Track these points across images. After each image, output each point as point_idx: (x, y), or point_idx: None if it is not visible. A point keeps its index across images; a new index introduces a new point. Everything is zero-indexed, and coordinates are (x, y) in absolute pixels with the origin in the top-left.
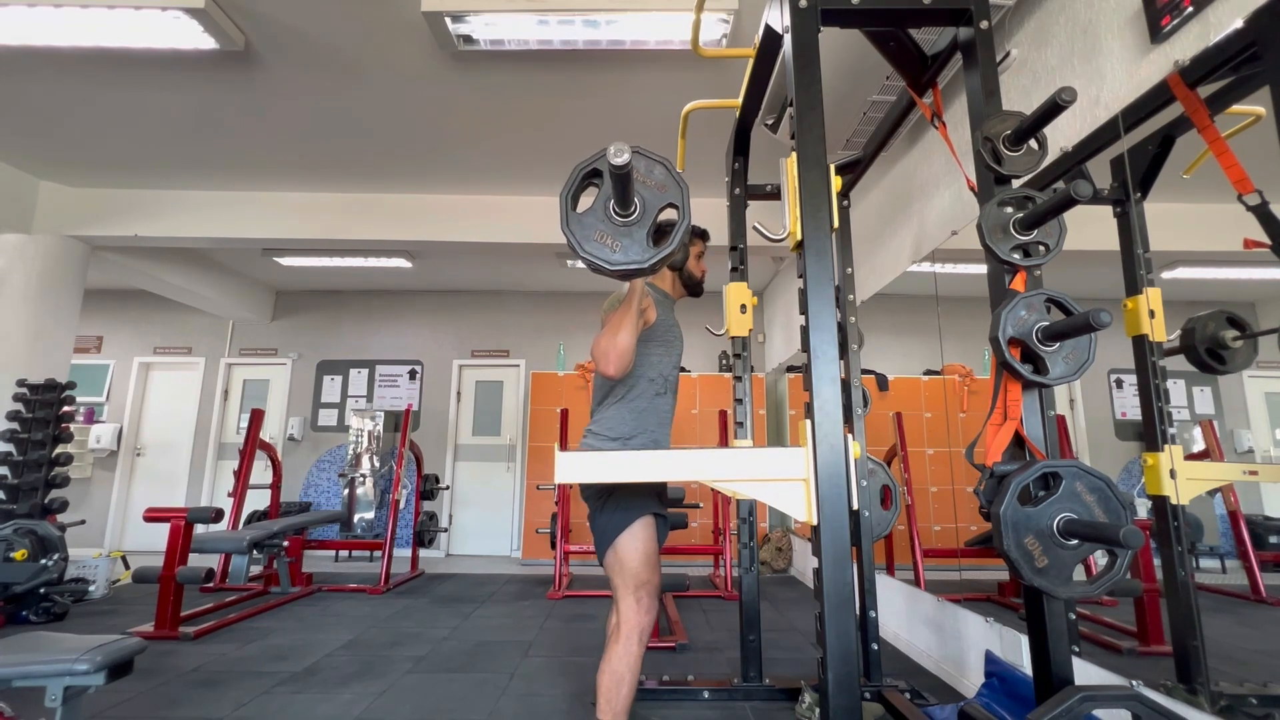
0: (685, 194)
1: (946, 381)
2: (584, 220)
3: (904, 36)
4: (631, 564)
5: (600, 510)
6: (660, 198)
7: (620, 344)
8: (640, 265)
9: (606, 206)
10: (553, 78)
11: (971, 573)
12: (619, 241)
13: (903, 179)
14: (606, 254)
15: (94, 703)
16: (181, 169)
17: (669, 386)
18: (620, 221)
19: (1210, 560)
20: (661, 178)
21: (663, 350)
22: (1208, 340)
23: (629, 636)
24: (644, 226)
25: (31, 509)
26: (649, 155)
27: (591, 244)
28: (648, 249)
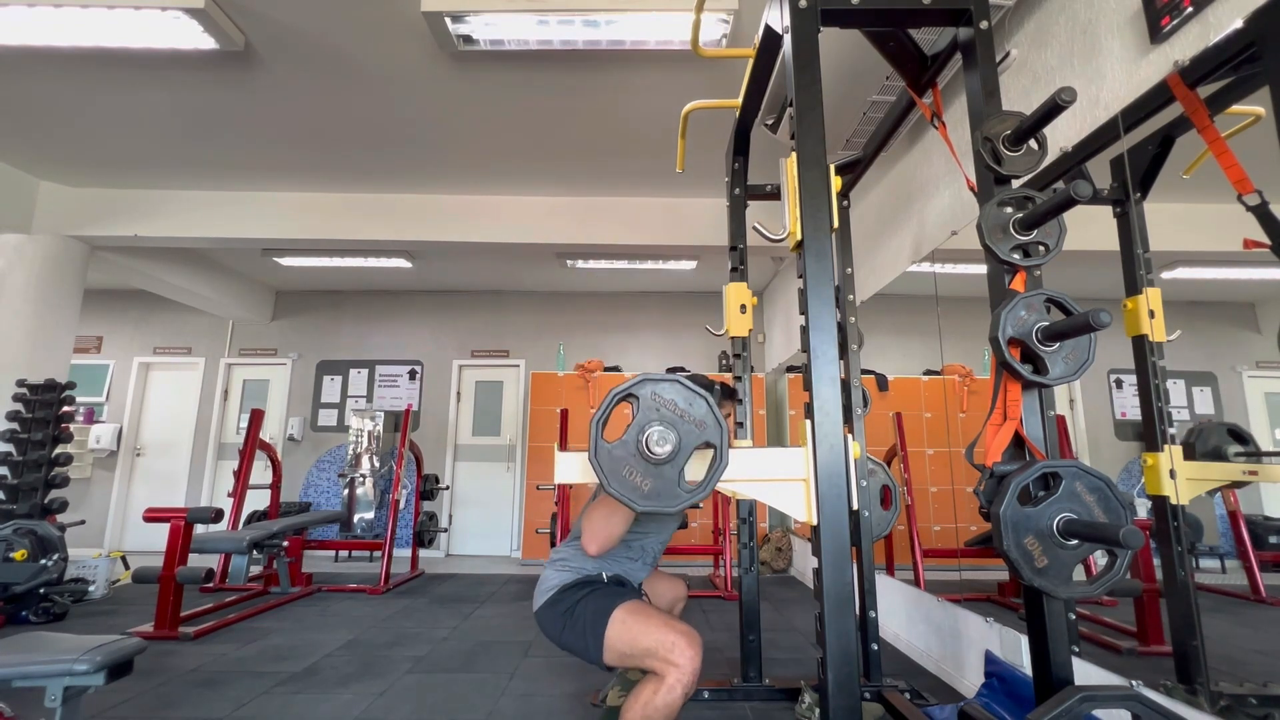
0: (724, 434)
1: (946, 381)
2: (614, 453)
3: (904, 36)
4: (642, 641)
5: (572, 632)
6: (697, 436)
7: (613, 531)
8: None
9: (639, 440)
10: (553, 78)
11: (971, 573)
12: (648, 481)
13: (903, 179)
14: (634, 494)
15: (94, 703)
16: (181, 169)
17: (644, 558)
18: (653, 460)
19: (1210, 560)
20: (701, 415)
21: (655, 528)
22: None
23: (672, 688)
24: (677, 466)
25: (31, 509)
26: (692, 389)
27: (619, 480)
28: (678, 491)
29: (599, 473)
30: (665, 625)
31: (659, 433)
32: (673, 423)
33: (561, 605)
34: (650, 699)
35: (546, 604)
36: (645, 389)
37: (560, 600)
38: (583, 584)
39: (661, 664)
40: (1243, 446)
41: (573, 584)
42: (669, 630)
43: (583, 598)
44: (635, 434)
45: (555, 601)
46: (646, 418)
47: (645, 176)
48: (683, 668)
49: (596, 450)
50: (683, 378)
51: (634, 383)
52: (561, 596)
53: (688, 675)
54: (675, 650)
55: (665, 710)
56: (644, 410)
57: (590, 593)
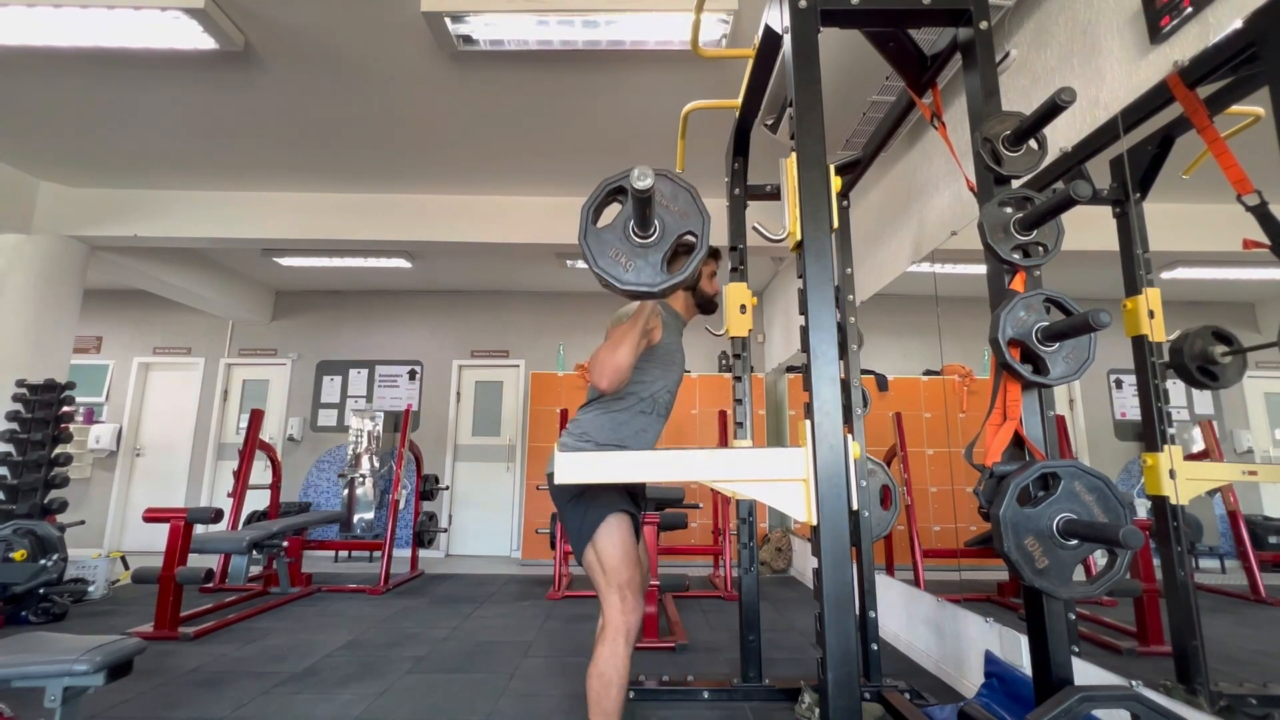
0: (706, 223)
1: (946, 382)
2: (602, 236)
3: (904, 37)
4: (612, 560)
5: (572, 508)
6: (681, 224)
7: (618, 360)
8: (650, 288)
9: (626, 226)
10: (553, 78)
11: (971, 573)
12: (633, 262)
13: (902, 179)
14: (619, 272)
15: (93, 703)
16: (181, 169)
17: (658, 408)
18: (638, 242)
19: (1210, 560)
20: (685, 205)
21: (660, 372)
22: (1197, 357)
23: (614, 638)
24: (660, 250)
25: (31, 509)
26: (676, 180)
27: (605, 259)
28: (660, 273)
29: (587, 252)
30: (634, 564)
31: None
32: (658, 211)
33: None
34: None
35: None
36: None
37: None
38: None
39: (605, 601)
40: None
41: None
42: (630, 569)
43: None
44: (623, 220)
45: None
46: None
47: None
48: (615, 624)
49: (586, 233)
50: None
51: (621, 175)
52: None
53: (623, 629)
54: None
55: (617, 667)
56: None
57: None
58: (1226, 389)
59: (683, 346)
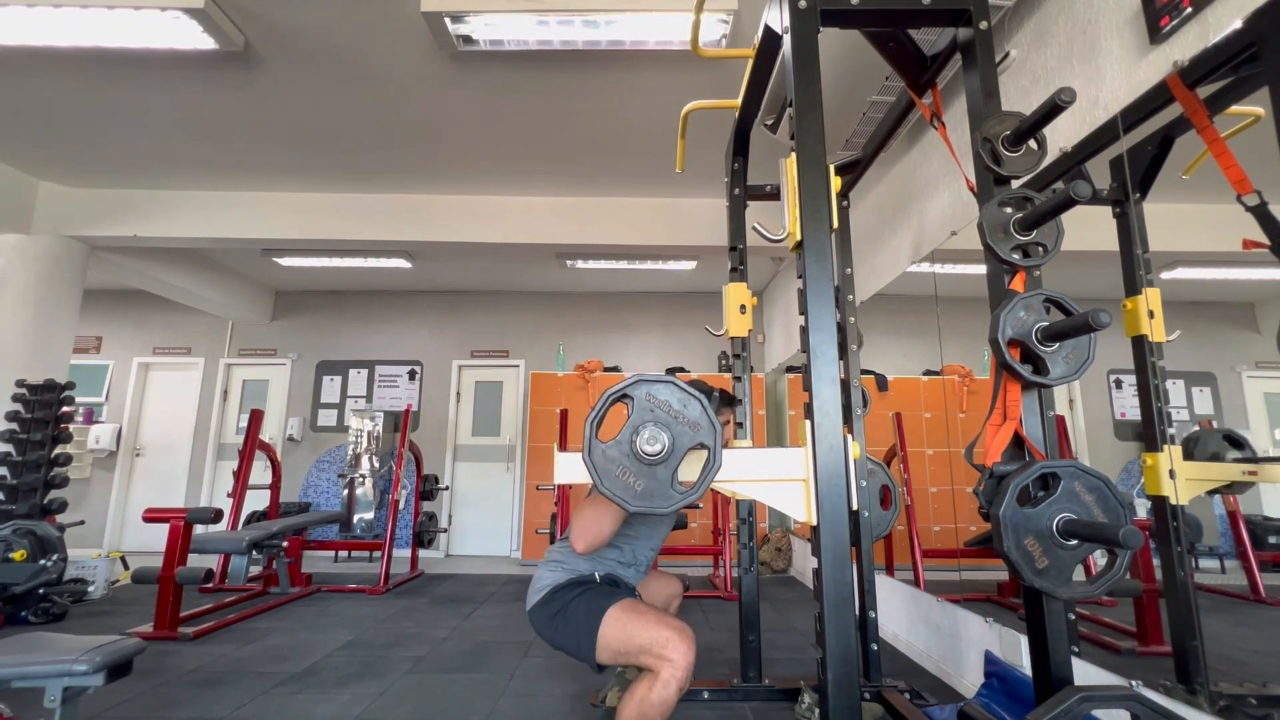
0: (717, 436)
1: (946, 382)
2: (607, 453)
3: (903, 37)
4: (637, 639)
5: (560, 628)
6: (691, 438)
7: (602, 530)
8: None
9: (632, 441)
10: (552, 78)
11: (971, 573)
12: (640, 481)
13: (902, 179)
14: (627, 494)
15: (93, 703)
16: (181, 169)
17: (637, 564)
18: (646, 460)
19: (1209, 560)
20: (696, 416)
21: (647, 531)
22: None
23: (667, 683)
24: (670, 467)
25: (30, 509)
26: (686, 390)
27: (612, 480)
28: (671, 493)
29: (592, 472)
30: (659, 622)
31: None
32: (666, 424)
33: (554, 605)
34: (646, 695)
35: (539, 604)
36: (640, 390)
37: (553, 600)
38: (575, 584)
39: (655, 660)
40: (1239, 451)
41: (565, 584)
42: (662, 626)
43: (575, 597)
44: (629, 434)
45: (548, 602)
46: (641, 418)
47: (645, 177)
48: (676, 663)
49: (590, 450)
50: (678, 379)
51: (629, 383)
52: (554, 596)
53: (681, 671)
54: (669, 646)
55: (661, 707)
56: (638, 411)
57: (583, 592)
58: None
59: None
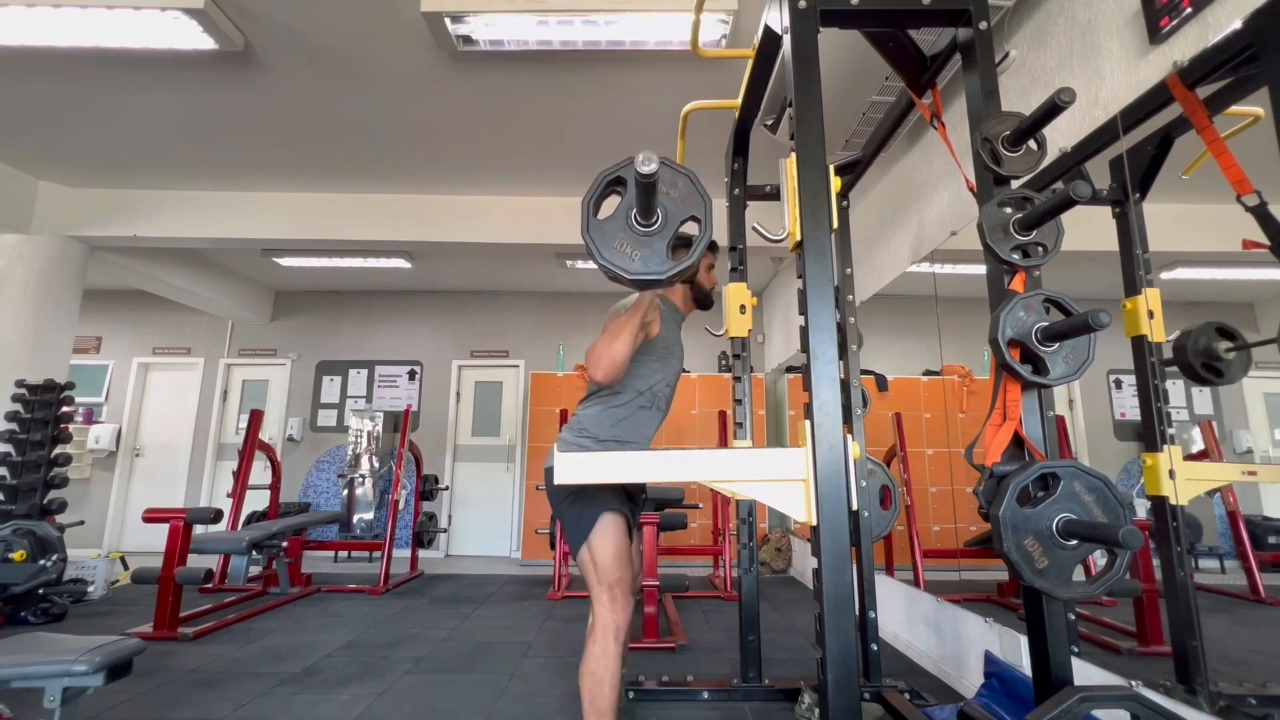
0: (708, 208)
1: (946, 382)
2: (605, 228)
3: (903, 37)
4: (604, 559)
5: (569, 506)
6: (683, 210)
7: (615, 352)
8: (658, 276)
9: (629, 215)
10: (552, 78)
11: (971, 573)
12: (638, 251)
13: (902, 179)
14: (625, 262)
15: (93, 704)
16: (181, 169)
17: (657, 402)
18: (641, 231)
19: (1209, 560)
20: (685, 190)
21: (659, 365)
22: (1201, 354)
23: (604, 636)
24: (664, 237)
25: (30, 510)
26: (674, 167)
27: (610, 251)
28: (666, 260)
29: (591, 246)
30: (625, 564)
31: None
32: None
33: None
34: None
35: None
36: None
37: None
38: None
39: (595, 599)
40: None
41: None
42: (621, 568)
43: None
44: (625, 209)
45: None
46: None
47: None
48: (605, 622)
49: (589, 226)
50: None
51: (620, 165)
52: None
53: (612, 627)
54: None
55: (606, 660)
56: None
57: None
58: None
59: (681, 340)
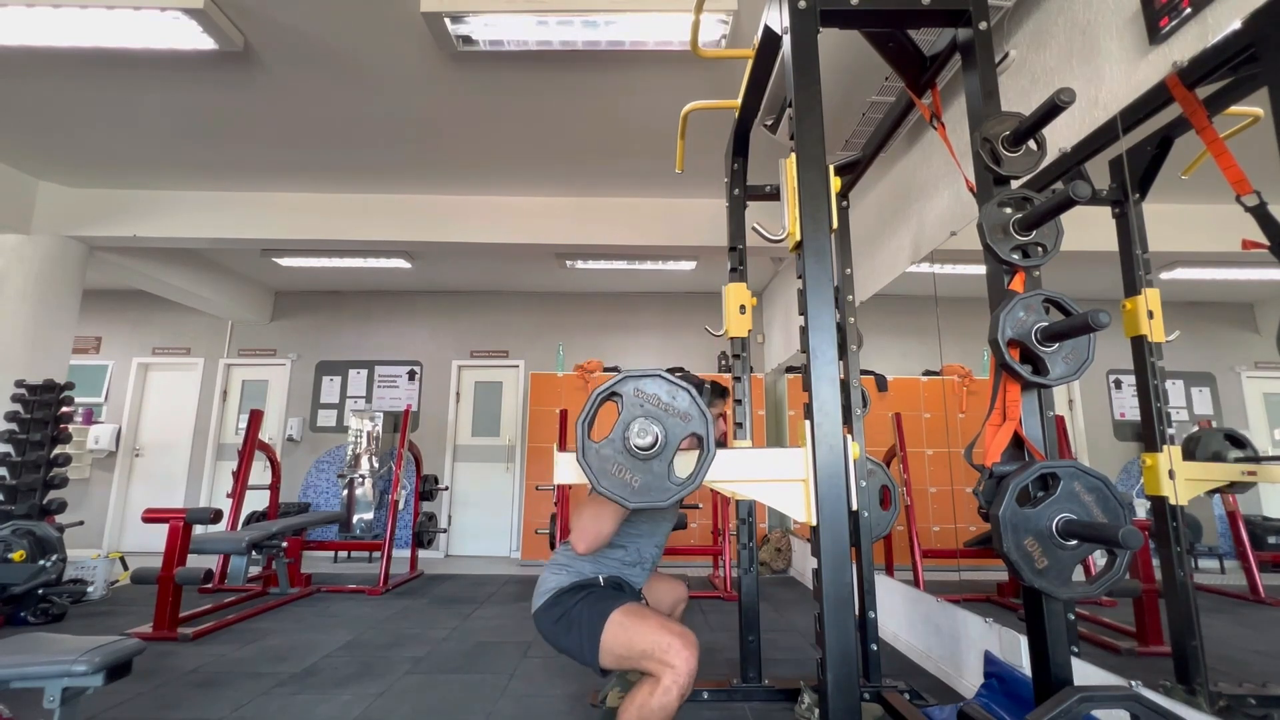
0: (709, 425)
1: (945, 382)
2: (601, 453)
3: (903, 37)
4: (638, 644)
5: (568, 634)
6: (682, 428)
7: (601, 530)
8: (659, 505)
9: (625, 438)
10: (552, 78)
11: (970, 573)
12: (637, 476)
13: (902, 180)
14: (624, 490)
15: (92, 704)
16: (180, 169)
17: (643, 563)
18: (640, 455)
19: (1209, 560)
20: (685, 407)
21: (649, 528)
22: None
23: (668, 689)
24: (665, 460)
25: (30, 510)
26: (674, 382)
27: (608, 478)
28: (668, 484)
29: (588, 473)
30: (661, 627)
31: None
32: (657, 417)
33: (558, 609)
34: (646, 701)
35: (544, 607)
36: (628, 386)
37: (557, 603)
38: (580, 587)
39: (657, 665)
40: (1241, 451)
41: (570, 587)
42: (665, 632)
43: (579, 601)
44: (621, 431)
45: (552, 605)
46: (631, 414)
47: (645, 177)
48: (678, 669)
49: (584, 451)
50: (664, 372)
51: (616, 381)
52: (558, 600)
53: (683, 677)
54: (671, 651)
55: (661, 712)
56: (628, 407)
57: (587, 596)
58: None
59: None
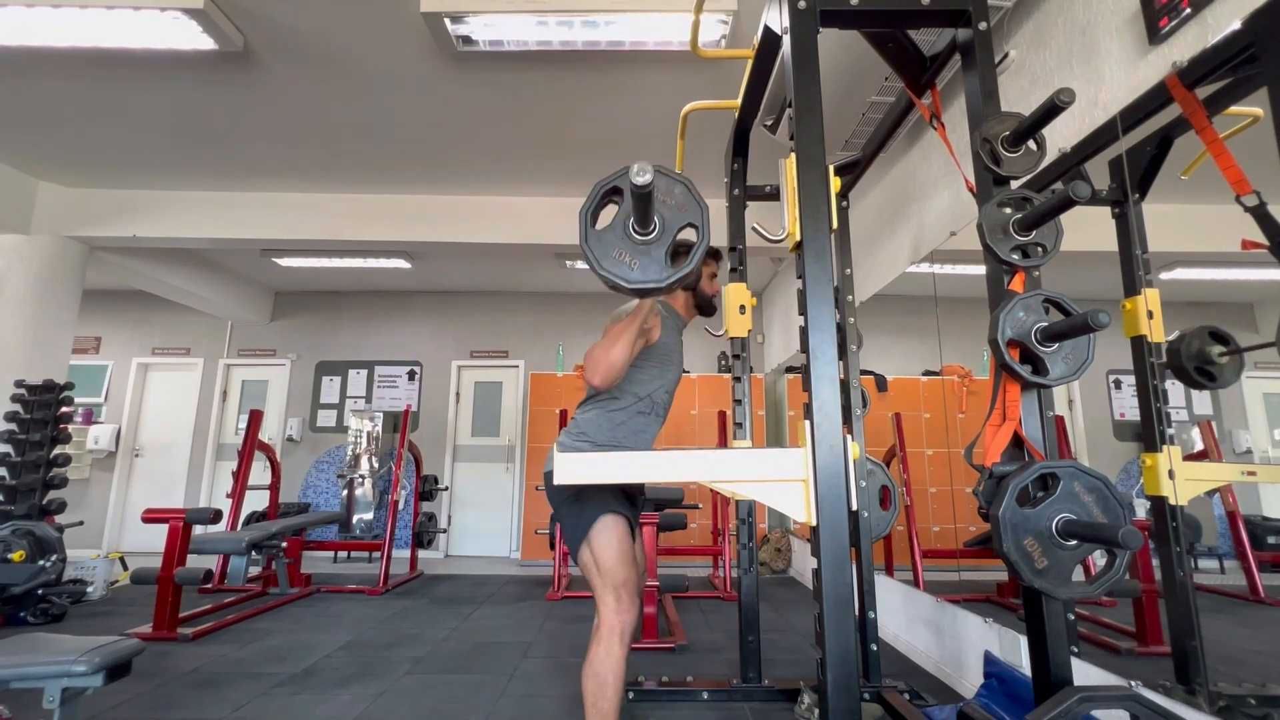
0: (705, 214)
1: (945, 382)
2: (603, 238)
3: (903, 37)
4: (607, 561)
5: (568, 507)
6: (680, 217)
7: (613, 357)
8: (657, 284)
9: (626, 224)
10: (552, 79)
11: (970, 573)
12: (637, 259)
13: (902, 180)
14: (625, 272)
15: (92, 704)
16: (180, 169)
17: (655, 408)
18: (639, 240)
19: (1209, 560)
20: (682, 197)
21: (657, 371)
22: (1194, 358)
23: (609, 638)
24: (662, 245)
25: (29, 510)
26: (670, 174)
27: (610, 261)
28: (665, 268)
29: (590, 256)
30: (629, 564)
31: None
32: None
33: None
34: (599, 667)
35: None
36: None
37: None
38: None
39: (600, 601)
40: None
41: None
42: (625, 569)
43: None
44: (622, 219)
45: None
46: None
47: None
48: (610, 623)
49: (587, 236)
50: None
51: (616, 175)
52: None
53: (618, 628)
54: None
55: (611, 661)
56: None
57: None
58: (1225, 389)
59: (682, 347)
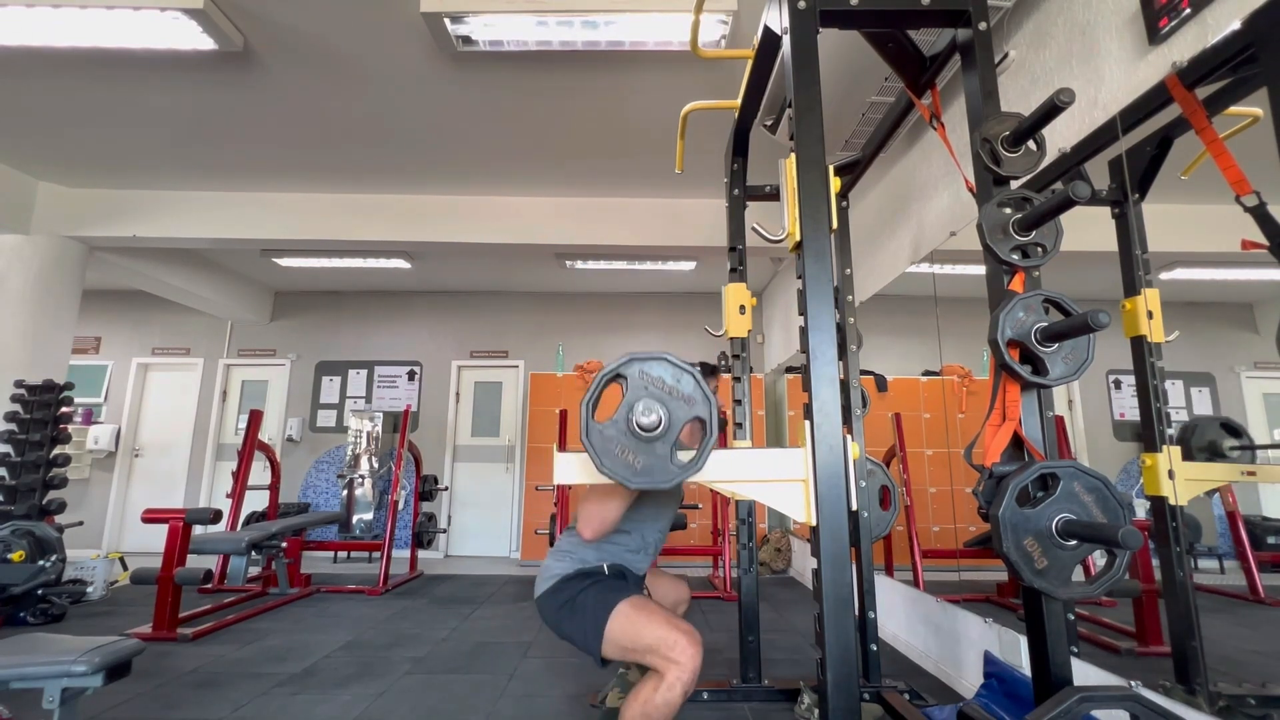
0: (712, 408)
1: (945, 382)
2: (605, 432)
3: (902, 38)
4: (641, 639)
5: (571, 622)
6: (686, 411)
7: (606, 516)
8: (664, 485)
9: (629, 419)
10: (552, 79)
11: (970, 573)
12: (639, 458)
13: (901, 180)
14: (627, 472)
15: (92, 704)
16: (180, 169)
17: (646, 549)
18: (643, 437)
19: (1209, 560)
20: (689, 390)
21: (653, 512)
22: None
23: (672, 685)
24: (667, 442)
25: (29, 510)
26: (678, 365)
27: (611, 458)
28: (670, 466)
29: (591, 452)
30: (667, 622)
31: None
32: (661, 399)
33: (562, 595)
34: (650, 697)
35: (548, 592)
36: (633, 368)
37: (561, 590)
38: (584, 575)
39: (662, 661)
40: (1237, 440)
41: (574, 574)
42: (671, 628)
43: (584, 589)
44: (625, 412)
45: (556, 591)
46: (636, 395)
47: (645, 177)
48: (683, 665)
49: (588, 430)
50: (669, 355)
51: (622, 362)
52: (563, 586)
53: (687, 674)
54: (677, 648)
55: (665, 708)
56: (633, 389)
57: (592, 584)
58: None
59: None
